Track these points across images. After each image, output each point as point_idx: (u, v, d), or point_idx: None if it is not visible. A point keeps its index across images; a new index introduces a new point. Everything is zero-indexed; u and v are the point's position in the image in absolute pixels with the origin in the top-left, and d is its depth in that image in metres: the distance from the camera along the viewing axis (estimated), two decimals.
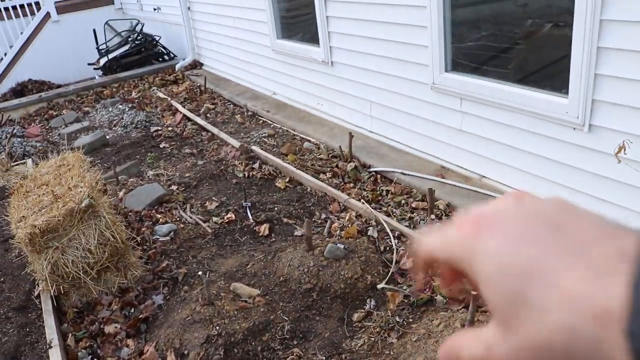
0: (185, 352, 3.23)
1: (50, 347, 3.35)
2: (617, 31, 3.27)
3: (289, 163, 5.55)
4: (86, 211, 3.79)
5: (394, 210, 4.44)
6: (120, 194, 5.41)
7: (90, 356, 3.38)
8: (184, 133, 7.12)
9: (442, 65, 4.60)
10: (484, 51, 4.43)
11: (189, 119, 7.56)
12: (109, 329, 3.59)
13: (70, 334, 3.56)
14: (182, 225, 4.70)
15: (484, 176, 4.59)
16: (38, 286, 3.94)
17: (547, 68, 4.01)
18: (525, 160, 4.14)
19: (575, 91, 3.61)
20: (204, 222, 4.72)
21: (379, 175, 5.07)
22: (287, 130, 6.61)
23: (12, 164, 6.63)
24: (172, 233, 4.58)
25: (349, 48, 5.75)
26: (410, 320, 3.27)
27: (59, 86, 10.74)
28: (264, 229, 4.47)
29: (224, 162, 5.99)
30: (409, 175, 4.82)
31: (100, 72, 10.56)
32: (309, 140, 6.12)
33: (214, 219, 4.76)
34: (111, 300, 3.83)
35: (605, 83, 3.43)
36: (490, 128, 4.33)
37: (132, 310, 3.75)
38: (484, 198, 4.33)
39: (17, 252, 4.39)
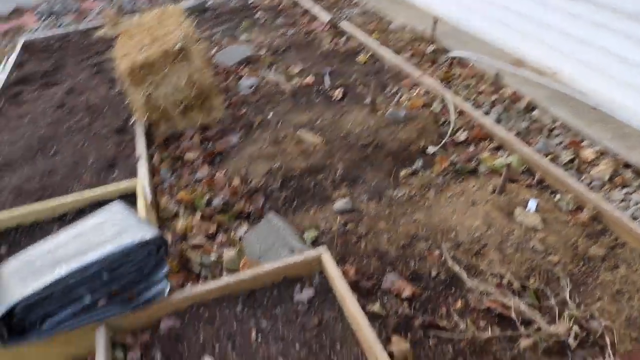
0: (249, 179, 3.70)
1: (138, 160, 3.92)
2: None
3: (372, 40, 5.75)
4: (179, 53, 4.23)
5: (462, 90, 4.63)
6: (213, 51, 5.86)
7: (169, 173, 3.93)
8: (280, 6, 7.40)
9: None
10: None
11: None
12: (189, 155, 4.12)
13: (156, 155, 4.13)
14: (264, 83, 5.10)
15: (556, 72, 4.63)
16: (134, 115, 4.49)
17: None
18: (608, 61, 4.11)
19: None
20: (285, 82, 5.09)
21: (455, 60, 5.20)
22: (376, 11, 6.74)
23: (120, 19, 7.20)
24: (253, 87, 5.01)
25: None
26: (451, 183, 3.56)
27: None
28: (337, 93, 4.79)
29: (312, 33, 6.27)
30: (484, 62, 4.93)
31: None
32: (396, 22, 6.25)
33: (294, 80, 5.12)
34: (193, 134, 4.35)
35: None
36: (576, 24, 4.31)
37: (210, 145, 4.25)
38: (552, 91, 4.41)
39: (119, 89, 4.98)
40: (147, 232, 2.39)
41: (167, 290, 2.36)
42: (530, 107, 4.32)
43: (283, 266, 2.43)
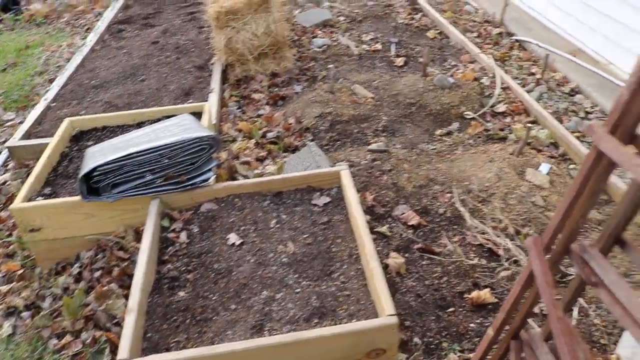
0: (302, 120, 4.20)
1: (211, 92, 4.51)
2: None
3: (445, 18, 6.10)
4: (261, 5, 4.77)
5: (513, 70, 4.93)
6: (295, 12, 6.38)
7: (236, 107, 4.50)
8: None
9: None
10: None
11: None
12: (256, 96, 4.67)
13: (227, 91, 4.70)
14: (335, 44, 5.58)
15: (612, 62, 4.84)
16: (214, 56, 5.09)
17: None
18: None
19: None
20: (355, 46, 5.55)
21: (517, 44, 5.48)
22: None
23: None
24: (325, 47, 5.49)
25: None
26: (479, 145, 3.93)
27: None
28: (399, 61, 5.20)
29: (390, 7, 6.67)
30: (542, 47, 5.19)
31: None
32: (471, 4, 6.55)
33: (363, 46, 5.56)
34: (262, 79, 4.89)
35: None
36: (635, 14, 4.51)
37: (276, 89, 4.78)
38: (601, 81, 4.64)
39: (206, 35, 5.58)
40: (204, 132, 2.94)
41: (212, 180, 2.90)
42: (575, 92, 4.58)
43: (308, 175, 2.92)
